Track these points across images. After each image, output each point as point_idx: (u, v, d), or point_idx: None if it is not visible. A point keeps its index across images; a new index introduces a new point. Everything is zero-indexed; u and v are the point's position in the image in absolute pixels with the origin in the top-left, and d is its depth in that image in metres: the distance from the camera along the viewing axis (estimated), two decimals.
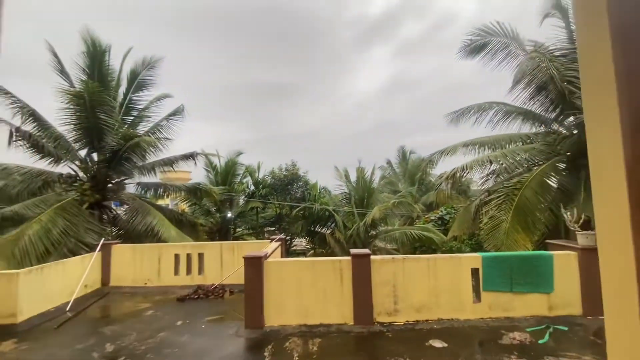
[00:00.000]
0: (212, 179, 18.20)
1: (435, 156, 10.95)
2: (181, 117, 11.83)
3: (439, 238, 14.81)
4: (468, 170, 9.09)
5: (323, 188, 20.62)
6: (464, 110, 10.78)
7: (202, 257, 6.67)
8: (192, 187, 12.69)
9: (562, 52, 8.82)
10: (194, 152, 12.10)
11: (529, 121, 9.86)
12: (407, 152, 29.90)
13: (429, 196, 24.34)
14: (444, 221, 17.51)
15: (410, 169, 27.34)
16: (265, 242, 6.94)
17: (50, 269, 5.30)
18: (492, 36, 9.76)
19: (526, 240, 7.25)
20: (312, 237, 17.80)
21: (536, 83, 8.88)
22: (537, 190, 7.75)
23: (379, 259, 4.54)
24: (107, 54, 10.47)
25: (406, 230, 14.98)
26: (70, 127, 9.74)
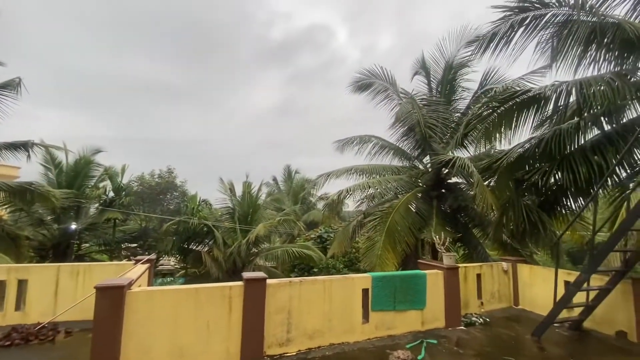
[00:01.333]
0: (52, 179, 14.17)
1: (321, 178, 11.52)
2: (15, 93, 8.87)
3: (318, 256, 15.46)
4: (351, 193, 9.84)
5: (203, 201, 18.89)
6: (349, 140, 11.86)
7: (24, 286, 4.81)
8: (19, 187, 9.48)
9: (425, 102, 10.79)
10: (29, 141, 9.21)
11: (399, 156, 11.57)
12: (293, 171, 30.91)
13: (309, 215, 25.54)
14: (323, 239, 18.52)
15: (294, 188, 28.21)
16: (126, 264, 5.57)
17: None
18: (376, 78, 11.20)
19: (394, 259, 8.21)
20: (184, 255, 15.84)
21: (407, 125, 10.55)
22: (403, 214, 8.97)
23: (275, 283, 4.18)
24: None
25: (288, 248, 15.04)
26: None
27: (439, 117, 10.05)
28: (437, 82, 10.89)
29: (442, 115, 10.10)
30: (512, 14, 6.07)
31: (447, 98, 10.69)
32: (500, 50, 6.35)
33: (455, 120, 10.57)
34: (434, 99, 10.73)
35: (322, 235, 18.17)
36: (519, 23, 6.03)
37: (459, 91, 10.79)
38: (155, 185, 16.48)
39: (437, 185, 10.31)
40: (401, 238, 8.53)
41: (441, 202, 10.15)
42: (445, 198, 10.29)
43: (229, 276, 13.76)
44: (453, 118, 10.60)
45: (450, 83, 10.67)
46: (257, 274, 4.17)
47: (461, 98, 10.77)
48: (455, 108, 10.83)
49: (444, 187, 10.49)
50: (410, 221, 8.98)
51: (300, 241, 18.68)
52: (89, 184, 15.48)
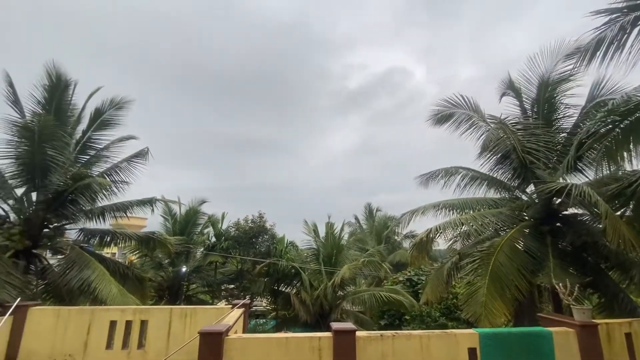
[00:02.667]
0: (169, 228, 16.70)
1: (405, 216, 10.91)
2: (144, 160, 11.01)
3: (409, 301, 14.23)
4: (441, 231, 9.01)
5: (290, 243, 19.68)
6: (433, 174, 11.16)
7: (145, 326, 5.52)
8: (144, 236, 11.38)
9: (519, 126, 9.64)
10: (153, 198, 11.11)
11: (494, 187, 10.32)
12: (374, 209, 30.31)
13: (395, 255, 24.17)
14: (413, 283, 17.11)
15: (377, 227, 27.41)
16: (225, 308, 5.96)
17: None
18: (456, 108, 10.56)
19: (504, 308, 6.97)
20: (275, 297, 16.39)
21: (500, 152, 9.47)
22: (509, 255, 7.72)
23: (366, 336, 3.89)
24: (69, 88, 9.83)
25: (375, 292, 14.28)
26: (10, 162, 8.57)
27: (540, 140, 8.78)
28: (532, 101, 9.71)
29: (542, 137, 8.81)
30: (619, 15, 5.18)
31: (546, 118, 9.36)
32: (612, 57, 5.39)
33: (561, 141, 9.09)
34: (530, 121, 9.51)
35: (411, 278, 16.83)
36: (632, 23, 5.08)
37: (560, 109, 9.37)
38: (249, 229, 17.93)
39: (548, 219, 8.73)
40: (510, 283, 7.27)
41: (557, 239, 8.48)
42: (562, 233, 8.58)
43: (317, 320, 13.57)
44: (558, 139, 9.15)
45: (549, 101, 9.39)
46: (346, 325, 3.95)
47: (565, 116, 9.31)
48: (558, 128, 9.38)
49: (559, 220, 8.81)
50: (519, 262, 7.65)
51: (388, 284, 17.59)
52: (196, 231, 17.75)
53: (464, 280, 8.69)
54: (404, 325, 14.58)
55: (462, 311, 8.06)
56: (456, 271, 9.93)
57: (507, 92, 10.29)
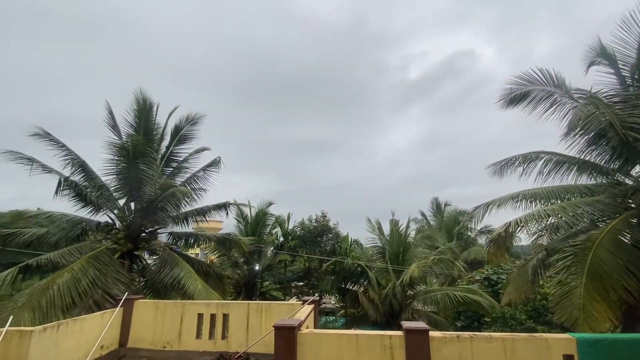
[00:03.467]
0: (242, 229, 18.03)
1: (479, 210, 10.05)
2: (217, 168, 12.08)
3: (488, 302, 13.08)
4: (522, 225, 8.10)
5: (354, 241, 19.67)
6: (508, 161, 10.07)
7: (227, 319, 6.05)
8: (222, 237, 12.47)
9: (618, 98, 8.18)
10: (227, 202, 12.10)
11: (586, 171, 8.93)
12: (442, 204, 28.62)
13: (470, 252, 22.48)
14: (492, 282, 15.69)
15: (446, 222, 25.83)
16: (296, 304, 6.23)
17: (66, 327, 4.92)
18: (533, 85, 9.34)
19: (609, 312, 5.98)
20: (342, 295, 16.52)
21: (593, 131, 8.15)
22: (611, 249, 6.60)
23: (440, 337, 3.69)
24: (153, 110, 11.24)
25: (449, 291, 13.45)
26: (113, 177, 10.14)
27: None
28: (631, 68, 8.15)
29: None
30: None
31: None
32: None
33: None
34: (631, 91, 8.01)
35: (489, 277, 15.46)
36: None
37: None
38: (313, 228, 18.40)
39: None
40: (614, 283, 6.23)
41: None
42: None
43: (387, 319, 13.30)
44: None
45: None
46: (417, 324, 3.80)
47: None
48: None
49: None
50: (626, 259, 6.51)
51: (463, 284, 16.41)
52: (265, 231, 18.83)
53: (554, 279, 7.68)
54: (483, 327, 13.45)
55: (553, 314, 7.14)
56: (543, 269, 8.85)
57: (596, 60, 8.81)
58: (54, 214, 10.54)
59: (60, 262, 8.91)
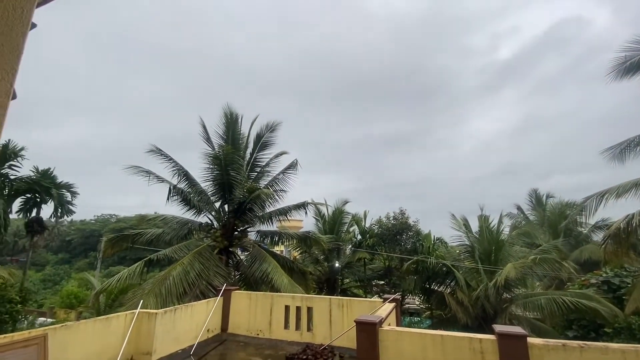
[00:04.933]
0: (320, 228, 18.66)
1: (591, 200, 8.57)
2: (295, 170, 12.80)
3: (609, 310, 10.94)
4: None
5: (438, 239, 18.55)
6: (630, 142, 8.35)
7: (311, 312, 6.38)
8: (302, 235, 13.15)
9: None
10: (305, 202, 12.69)
11: None
12: (543, 196, 24.95)
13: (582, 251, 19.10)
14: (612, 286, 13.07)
15: (549, 217, 22.42)
16: (377, 302, 6.21)
17: (180, 312, 5.87)
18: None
19: None
20: (427, 295, 15.76)
21: None
22: None
23: (541, 344, 3.26)
24: (239, 121, 12.47)
25: (556, 296, 11.68)
26: (209, 184, 11.58)
27: None
28: None
29: None
30: None
31: None
32: None
33: None
34: None
35: (609, 280, 12.91)
36: None
37: None
38: (391, 226, 17.98)
39: None
40: None
41: None
42: None
43: (479, 323, 12.21)
44: None
45: None
46: (513, 328, 3.42)
47: None
48: None
49: None
50: None
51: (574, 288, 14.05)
52: (343, 230, 19.13)
53: None
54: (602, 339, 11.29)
55: None
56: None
57: None
58: (167, 217, 12.55)
59: (174, 257, 10.58)
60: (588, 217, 9.23)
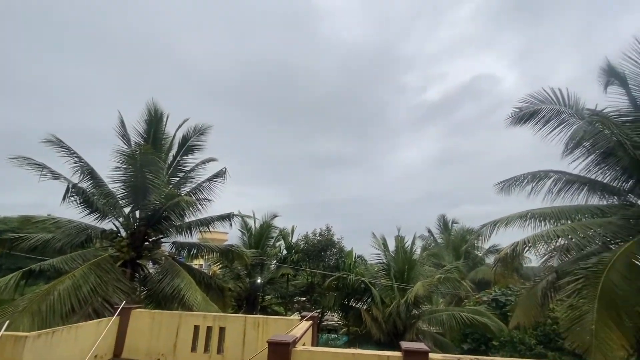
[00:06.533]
0: (245, 241, 17.93)
1: (486, 228, 9.84)
2: (223, 179, 12.13)
3: (496, 325, 12.61)
4: (530, 245, 7.87)
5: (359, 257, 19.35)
6: (517, 179, 9.94)
7: (224, 332, 5.92)
8: (224, 248, 12.40)
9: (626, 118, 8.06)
10: (231, 214, 12.08)
11: (597, 192, 8.74)
12: (449, 221, 28.16)
13: (477, 272, 21.91)
14: (500, 304, 15.19)
15: (453, 240, 25.35)
16: (294, 320, 6.07)
17: (61, 334, 4.86)
18: (543, 104, 9.29)
19: (623, 340, 5.69)
20: (345, 312, 16.14)
21: (600, 149, 8.02)
22: (625, 273, 6.34)
23: (441, 359, 3.54)
24: (164, 120, 11.45)
25: (455, 312, 13.03)
26: (120, 185, 10.25)
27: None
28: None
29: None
30: None
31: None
32: None
33: None
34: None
35: (497, 298, 14.98)
36: None
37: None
38: (317, 242, 18.20)
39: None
40: (629, 309, 5.96)
41: None
42: None
43: (390, 339, 12.89)
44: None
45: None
46: (417, 345, 3.64)
47: None
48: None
49: None
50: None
51: (469, 304, 15.92)
52: (269, 244, 18.68)
53: (565, 302, 7.40)
54: (491, 351, 12.92)
55: (564, 339, 6.84)
56: (553, 292, 8.54)
57: (610, 80, 8.75)
58: (61, 220, 10.63)
59: (63, 268, 8.93)
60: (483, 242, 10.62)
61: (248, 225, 18.53)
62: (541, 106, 9.17)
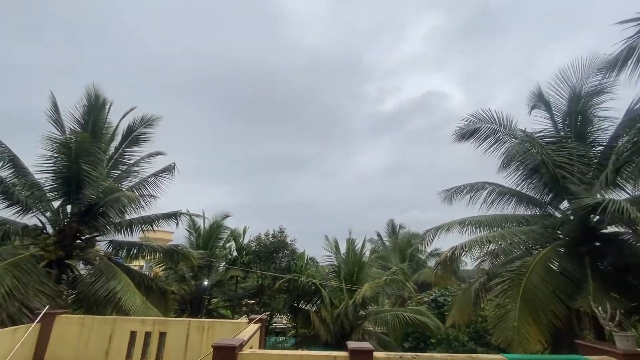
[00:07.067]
0: (193, 242, 17.06)
1: (429, 233, 10.53)
2: (171, 175, 11.43)
3: (434, 324, 13.53)
4: (467, 249, 8.59)
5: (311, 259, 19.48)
6: (458, 189, 10.79)
7: (164, 337, 5.55)
8: (169, 249, 11.66)
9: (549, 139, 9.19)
10: (178, 212, 11.42)
11: (524, 203, 9.81)
12: (397, 226, 29.59)
13: (420, 274, 23.29)
14: (439, 304, 16.32)
15: (400, 244, 26.67)
16: (242, 323, 5.91)
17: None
18: (482, 122, 10.22)
19: (539, 334, 6.44)
20: (294, 314, 16.11)
21: (527, 166, 9.05)
22: (543, 276, 7.20)
23: (384, 357, 3.69)
24: (106, 108, 10.51)
25: (398, 312, 13.70)
26: (49, 176, 9.17)
27: (572, 154, 8.30)
28: (563, 115, 9.29)
29: (575, 151, 8.32)
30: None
31: (579, 131, 8.90)
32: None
33: (598, 155, 8.57)
34: (561, 134, 9.08)
35: (437, 298, 16.07)
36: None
37: (595, 122, 8.91)
38: (269, 244, 17.96)
39: (586, 237, 8.12)
40: (545, 307, 6.75)
41: (597, 260, 7.85)
42: (602, 254, 7.94)
43: (337, 340, 13.14)
44: (593, 153, 8.64)
45: (582, 114, 8.94)
46: (363, 344, 3.77)
47: (600, 129, 8.84)
48: (593, 142, 8.88)
49: (598, 240, 8.18)
50: (555, 284, 7.11)
51: (412, 305, 16.87)
52: (219, 245, 17.99)
53: (493, 302, 8.17)
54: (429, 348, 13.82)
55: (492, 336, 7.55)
56: (484, 292, 9.39)
57: (537, 104, 9.91)
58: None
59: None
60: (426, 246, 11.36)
61: (197, 225, 17.68)
62: (481, 125, 10.10)
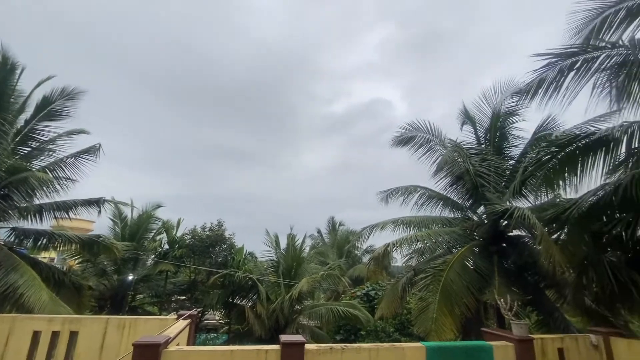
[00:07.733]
0: (118, 232, 15.52)
1: (365, 230, 11.11)
2: (95, 157, 10.23)
3: (365, 316, 14.30)
4: (398, 246, 9.26)
5: (249, 254, 19.10)
6: (393, 191, 11.55)
7: (76, 337, 4.97)
8: (88, 239, 10.42)
9: (473, 151, 10.34)
10: (101, 199, 10.31)
11: (449, 206, 10.88)
12: (337, 223, 30.53)
13: (355, 270, 24.37)
14: (370, 298, 17.28)
15: (339, 240, 27.58)
16: (169, 319, 5.56)
17: None
18: (417, 132, 11.09)
19: (452, 324, 7.23)
20: (229, 310, 15.68)
21: (454, 173, 10.06)
22: (459, 272, 8.08)
23: (315, 349, 3.80)
24: (16, 73, 9.01)
25: (332, 306, 14.19)
26: None
27: (490, 165, 9.47)
28: (485, 130, 10.51)
29: (493, 163, 9.52)
30: (558, 59, 5.80)
31: (497, 146, 10.18)
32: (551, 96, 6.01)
33: (510, 168, 9.90)
34: (482, 147, 10.28)
35: (368, 293, 17.00)
36: (569, 68, 5.71)
37: (509, 139, 10.27)
38: (206, 237, 17.17)
39: (496, 239, 9.33)
40: (459, 300, 7.59)
41: (503, 258, 9.06)
42: (507, 253, 9.20)
43: (272, 335, 13.15)
44: (507, 166, 9.96)
45: (500, 131, 10.22)
46: (295, 337, 3.86)
47: (513, 146, 10.24)
48: (507, 156, 10.24)
49: (505, 241, 9.45)
50: (468, 280, 8.03)
51: (346, 299, 17.60)
52: (148, 237, 16.63)
53: (417, 295, 8.93)
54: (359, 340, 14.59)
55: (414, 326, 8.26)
56: (410, 287, 10.20)
57: (466, 120, 11.04)
58: None
59: None
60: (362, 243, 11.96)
61: (123, 214, 16.11)
62: (416, 134, 10.97)
